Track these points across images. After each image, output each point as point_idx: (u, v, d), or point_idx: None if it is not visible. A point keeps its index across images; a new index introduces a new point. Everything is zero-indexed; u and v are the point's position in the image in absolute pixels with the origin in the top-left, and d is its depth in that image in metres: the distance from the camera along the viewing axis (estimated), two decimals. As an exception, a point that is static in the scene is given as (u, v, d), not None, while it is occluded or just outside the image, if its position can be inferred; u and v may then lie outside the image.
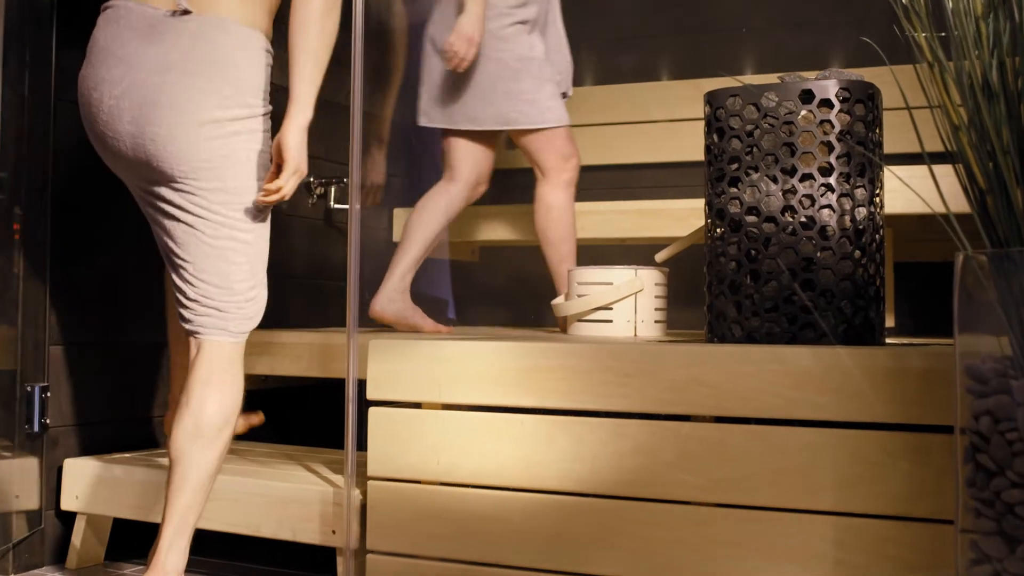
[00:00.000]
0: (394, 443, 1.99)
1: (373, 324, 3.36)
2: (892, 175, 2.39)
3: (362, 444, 2.04)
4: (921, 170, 2.51)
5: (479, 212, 3.48)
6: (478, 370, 1.94)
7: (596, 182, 3.83)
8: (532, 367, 1.90)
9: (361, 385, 2.06)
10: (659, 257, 2.66)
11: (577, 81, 3.94)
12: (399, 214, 3.56)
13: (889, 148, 2.55)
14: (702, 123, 3.60)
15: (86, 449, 2.53)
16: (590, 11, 3.93)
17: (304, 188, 3.20)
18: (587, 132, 3.85)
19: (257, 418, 2.44)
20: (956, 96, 1.31)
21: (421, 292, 3.76)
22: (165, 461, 2.21)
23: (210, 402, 1.88)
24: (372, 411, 2.01)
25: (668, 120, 3.70)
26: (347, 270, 2.04)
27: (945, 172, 1.47)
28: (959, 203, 1.49)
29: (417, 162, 3.72)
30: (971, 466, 1.29)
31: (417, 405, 1.99)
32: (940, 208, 1.42)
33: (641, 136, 3.73)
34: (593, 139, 3.84)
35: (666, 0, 3.73)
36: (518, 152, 3.98)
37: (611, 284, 2.60)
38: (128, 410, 2.65)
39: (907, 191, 2.41)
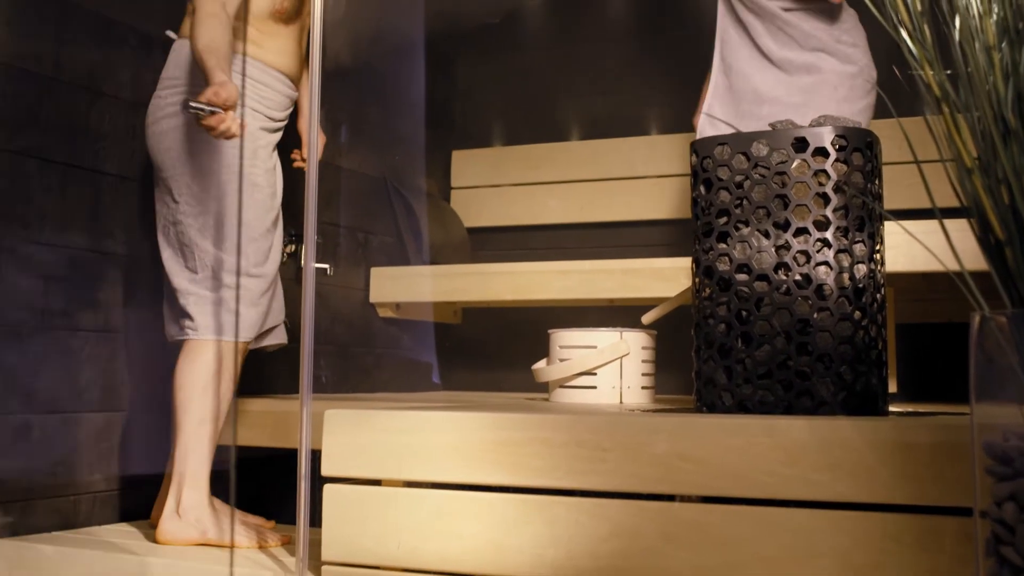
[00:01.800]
0: (351, 524, 1.81)
1: (330, 391, 3.19)
2: (896, 229, 2.24)
3: (316, 520, 1.86)
4: (925, 225, 2.36)
5: (460, 272, 3.34)
6: (443, 443, 1.77)
7: (580, 240, 3.70)
8: (502, 440, 1.73)
9: (317, 455, 1.89)
10: (646, 319, 2.51)
11: (562, 135, 3.83)
12: (377, 273, 3.41)
13: (889, 204, 2.40)
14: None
15: None
16: (575, 63, 3.82)
17: (274, 246, 3.04)
18: (572, 188, 3.73)
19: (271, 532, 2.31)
20: (968, 137, 1.16)
21: (404, 356, 3.61)
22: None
23: None
24: (327, 488, 1.84)
25: (656, 176, 3.56)
26: (300, 331, 1.87)
27: (955, 227, 1.31)
28: (970, 259, 1.34)
29: (398, 221, 3.58)
30: (994, 560, 1.12)
31: (376, 482, 1.81)
32: (952, 264, 1.26)
33: (628, 192, 3.60)
34: (578, 195, 3.71)
35: (654, 53, 3.61)
36: (499, 211, 3.86)
37: (595, 348, 2.45)
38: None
39: (907, 247, 2.26)
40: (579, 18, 3.83)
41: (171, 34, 2.47)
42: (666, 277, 2.92)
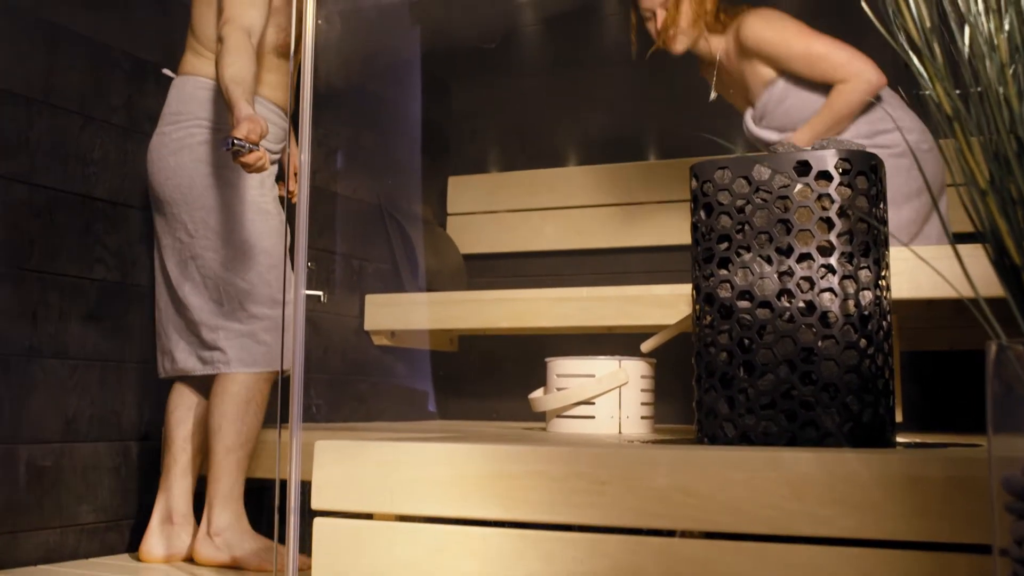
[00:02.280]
0: (342, 559, 1.75)
1: (323, 420, 3.13)
2: (899, 255, 2.19)
3: (303, 549, 1.80)
4: (935, 250, 2.32)
5: (456, 299, 3.29)
6: (437, 476, 1.71)
7: (578, 266, 3.65)
8: (498, 473, 1.67)
9: (307, 487, 1.83)
10: (645, 347, 2.46)
11: (559, 161, 3.79)
12: (371, 301, 3.36)
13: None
14: (689, 205, 3.44)
15: None
16: (573, 89, 3.79)
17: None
18: (569, 214, 3.68)
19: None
20: (981, 158, 1.11)
21: (400, 385, 3.55)
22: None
23: None
24: (317, 522, 1.77)
25: (654, 202, 3.52)
26: (292, 362, 1.82)
27: (966, 252, 1.27)
28: (982, 285, 1.29)
29: (393, 247, 3.53)
30: (1014, 601, 1.06)
31: (368, 516, 1.75)
32: (965, 290, 1.21)
33: (626, 218, 3.56)
34: (575, 221, 3.67)
35: (651, 78, 3.58)
36: (495, 237, 3.81)
37: (593, 376, 2.39)
38: None
39: (911, 274, 2.22)
40: (576, 43, 3.80)
41: (168, 72, 2.50)
42: (665, 304, 2.87)
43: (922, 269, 2.21)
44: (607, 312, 3.02)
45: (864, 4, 1.23)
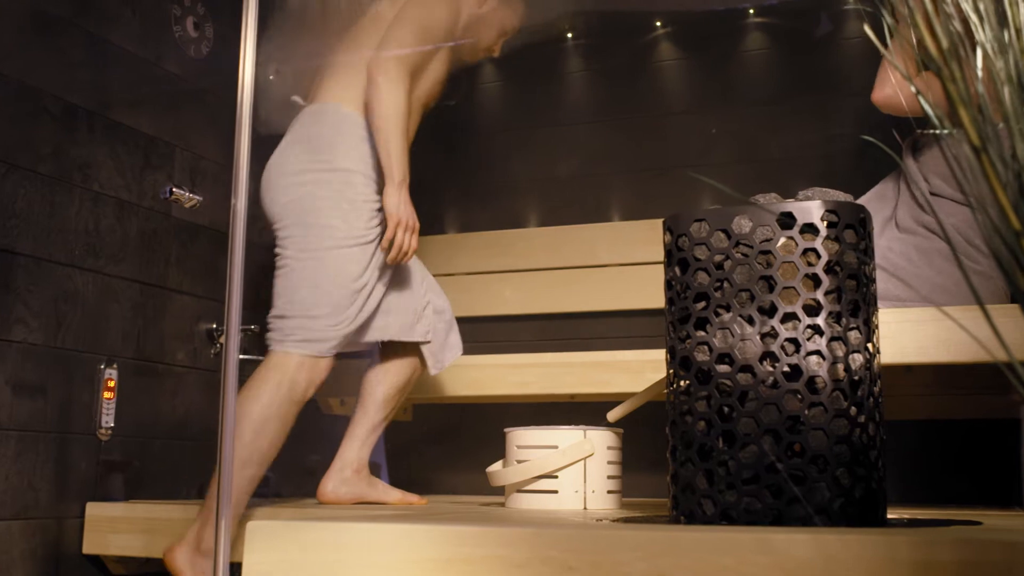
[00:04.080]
0: (275, 656, 1.55)
1: (269, 494, 2.94)
2: (885, 316, 2.05)
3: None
4: (920, 312, 2.18)
5: (409, 365, 3.12)
6: (386, 562, 1.52)
7: (539, 332, 3.50)
8: (454, 558, 1.48)
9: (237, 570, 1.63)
10: (612, 416, 2.30)
11: (521, 222, 3.66)
12: (321, 366, 3.16)
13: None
14: (656, 267, 3.31)
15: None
16: (535, 148, 3.67)
17: (206, 336, 2.81)
18: (530, 277, 3.54)
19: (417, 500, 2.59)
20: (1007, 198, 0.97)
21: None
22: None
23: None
24: (248, 615, 1.57)
25: (620, 264, 3.38)
26: (219, 428, 1.63)
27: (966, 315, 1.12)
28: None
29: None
30: None
31: (306, 607, 1.56)
32: (999, 353, 1.07)
33: (590, 281, 3.41)
34: (536, 285, 3.52)
35: (615, 137, 3.47)
36: (452, 301, 3.66)
37: (556, 448, 2.22)
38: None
39: (896, 337, 2.07)
40: (537, 101, 3.69)
41: (298, 100, 2.50)
42: (631, 370, 2.73)
43: (906, 332, 2.07)
44: (569, 380, 2.87)
45: (867, 29, 1.09)
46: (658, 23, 3.51)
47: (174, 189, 1.89)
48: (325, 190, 2.32)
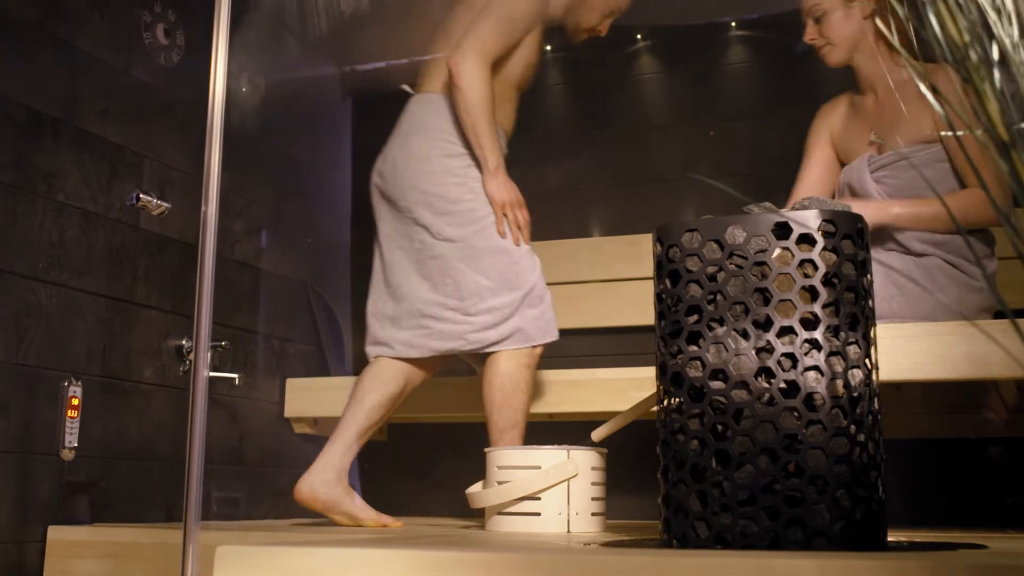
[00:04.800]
0: None
1: (239, 517, 2.85)
2: (880, 332, 1.99)
3: None
4: (915, 328, 2.12)
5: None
6: (361, 587, 1.43)
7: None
8: (433, 583, 1.40)
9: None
10: (596, 435, 2.23)
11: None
12: (293, 385, 3.09)
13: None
14: (639, 283, 3.25)
15: None
16: (514, 162, 3.59)
17: (175, 352, 2.71)
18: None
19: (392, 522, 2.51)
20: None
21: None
22: None
23: None
24: (216, 645, 1.48)
25: (601, 280, 3.31)
26: (187, 449, 1.55)
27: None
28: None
29: (318, 328, 3.28)
30: None
31: (277, 637, 1.47)
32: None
33: (571, 298, 3.34)
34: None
35: (595, 152, 3.41)
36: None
37: (539, 468, 2.14)
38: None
39: (891, 353, 2.01)
40: (516, 115, 3.63)
41: (407, 88, 2.64)
42: (615, 389, 2.66)
43: (900, 348, 2.01)
44: (550, 398, 2.81)
45: (878, 22, 1.03)
46: (639, 36, 3.46)
47: (141, 195, 1.80)
48: (455, 175, 2.51)
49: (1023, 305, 2.71)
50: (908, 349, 2.02)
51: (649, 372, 2.35)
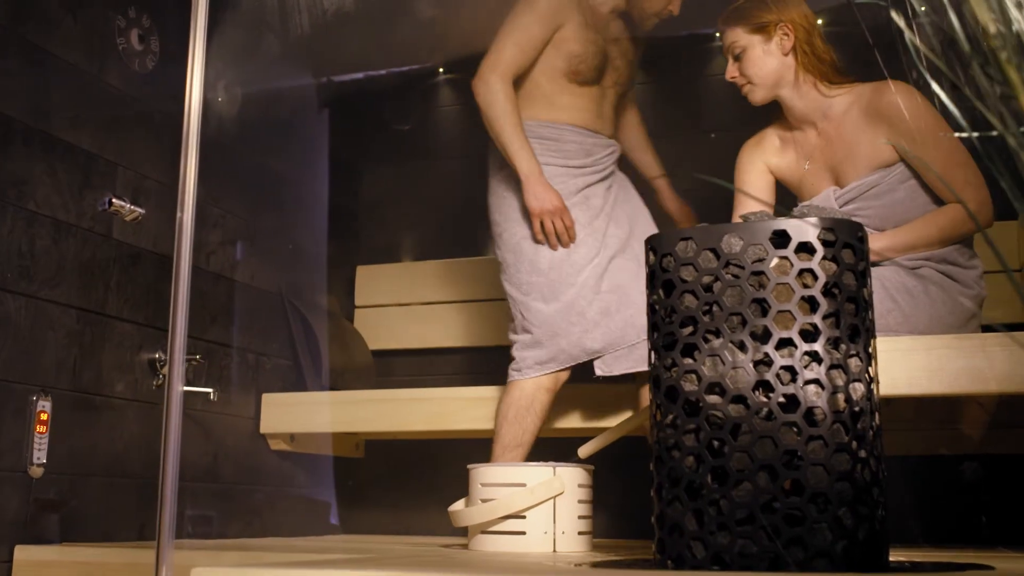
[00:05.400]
0: None
1: (213, 535, 2.77)
2: (926, 344, 1.94)
3: None
4: (912, 341, 2.08)
5: (363, 400, 2.99)
6: (342, 611, 1.37)
7: (499, 363, 3.34)
8: (419, 607, 1.34)
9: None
10: (583, 451, 2.18)
11: (476, 250, 3.55)
12: (269, 400, 3.02)
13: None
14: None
15: None
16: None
17: (148, 366, 2.64)
18: (489, 307, 3.43)
19: None
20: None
21: (299, 495, 3.20)
22: None
23: None
24: (190, 672, 1.41)
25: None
26: (161, 465, 1.48)
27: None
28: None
29: (295, 341, 3.21)
30: None
31: (255, 663, 1.40)
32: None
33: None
34: (495, 315, 3.40)
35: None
36: (407, 332, 3.53)
37: (524, 486, 2.09)
38: None
39: (887, 368, 1.96)
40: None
41: None
42: (600, 404, 2.61)
43: (897, 363, 1.97)
44: (532, 413, 2.74)
45: (893, 14, 0.98)
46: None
47: (114, 200, 1.73)
48: (493, 195, 2.69)
49: (1008, 319, 2.72)
50: (905, 363, 1.98)
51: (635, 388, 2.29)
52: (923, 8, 1.03)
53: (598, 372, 2.44)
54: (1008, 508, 2.66)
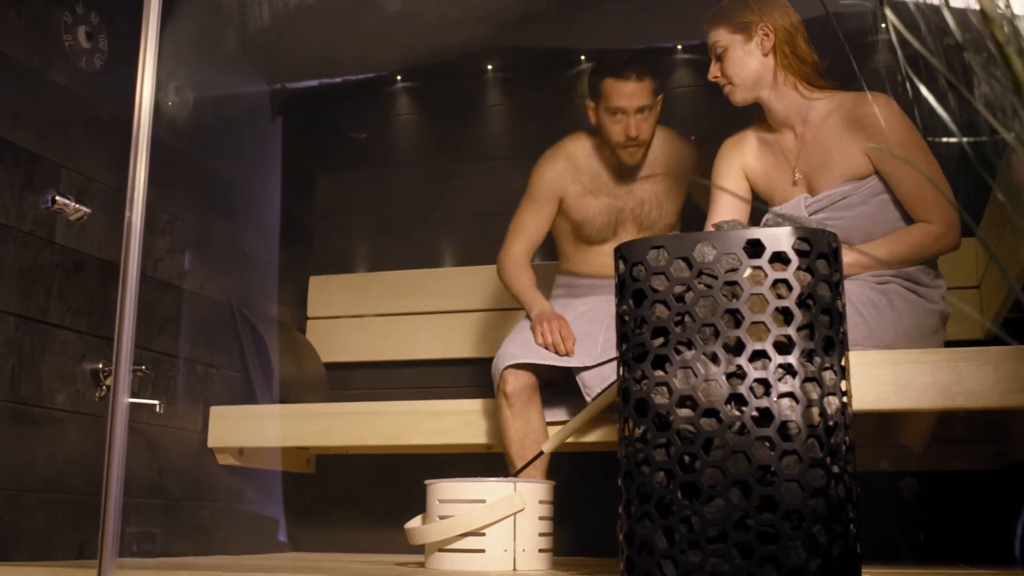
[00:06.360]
0: None
1: (156, 553, 2.68)
2: (892, 358, 1.90)
3: None
4: (878, 356, 2.04)
5: (315, 413, 2.91)
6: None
7: (455, 377, 3.32)
8: (379, 629, 1.27)
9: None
10: (547, 447, 2.13)
11: (433, 262, 3.48)
12: (217, 413, 2.93)
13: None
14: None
15: None
16: (450, 183, 3.49)
17: (90, 377, 2.53)
18: (444, 320, 3.38)
19: None
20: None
21: (247, 511, 3.10)
22: None
23: None
24: None
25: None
26: (104, 480, 1.40)
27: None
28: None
29: (245, 353, 3.12)
30: None
31: None
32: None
33: (509, 324, 3.23)
34: (451, 327, 3.36)
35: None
36: (361, 344, 3.46)
37: (483, 502, 2.02)
38: None
39: (862, 382, 1.93)
40: (454, 135, 3.53)
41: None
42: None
43: (865, 377, 1.93)
44: (490, 427, 2.68)
45: (891, 16, 0.94)
46: (583, 57, 3.38)
47: (57, 198, 1.65)
48: None
49: (968, 336, 2.71)
50: (873, 378, 1.94)
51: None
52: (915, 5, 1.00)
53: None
54: (946, 525, 2.66)
